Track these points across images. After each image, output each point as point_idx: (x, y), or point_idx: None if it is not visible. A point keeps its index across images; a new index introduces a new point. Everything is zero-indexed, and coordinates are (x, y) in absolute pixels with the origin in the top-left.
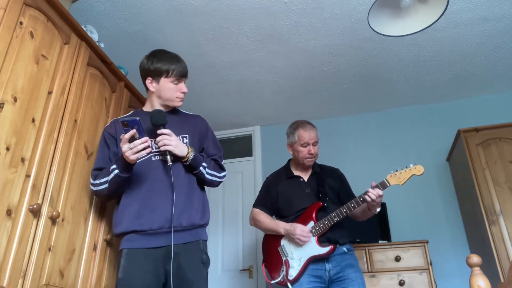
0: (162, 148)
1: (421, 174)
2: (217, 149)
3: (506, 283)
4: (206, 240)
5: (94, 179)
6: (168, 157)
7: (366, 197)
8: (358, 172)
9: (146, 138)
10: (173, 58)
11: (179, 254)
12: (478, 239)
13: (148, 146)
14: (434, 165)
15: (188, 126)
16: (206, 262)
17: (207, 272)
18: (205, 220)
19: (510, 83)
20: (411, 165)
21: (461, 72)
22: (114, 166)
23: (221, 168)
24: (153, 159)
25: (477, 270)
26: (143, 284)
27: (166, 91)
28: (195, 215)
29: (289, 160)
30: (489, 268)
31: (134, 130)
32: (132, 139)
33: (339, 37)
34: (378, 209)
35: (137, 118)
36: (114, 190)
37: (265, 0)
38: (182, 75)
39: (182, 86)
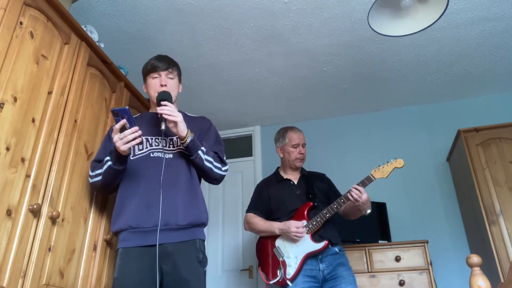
0: (167, 117)
1: (401, 167)
2: (219, 143)
3: (506, 283)
4: (204, 240)
5: (92, 171)
6: (162, 123)
7: (348, 195)
8: (358, 172)
9: (136, 128)
10: (155, 55)
11: (175, 253)
12: (478, 239)
13: (139, 136)
14: (434, 165)
15: (189, 127)
16: (202, 261)
17: (204, 271)
18: (203, 220)
19: (510, 83)
20: (392, 160)
21: (461, 72)
22: (107, 158)
23: (222, 161)
24: (152, 155)
25: (477, 270)
26: (139, 283)
27: (150, 88)
28: (193, 213)
29: (278, 167)
30: (489, 268)
31: (124, 120)
32: (123, 130)
33: (339, 37)
34: (369, 211)
35: (126, 107)
36: (108, 183)
37: (265, 0)
38: (157, 66)
39: (162, 79)
